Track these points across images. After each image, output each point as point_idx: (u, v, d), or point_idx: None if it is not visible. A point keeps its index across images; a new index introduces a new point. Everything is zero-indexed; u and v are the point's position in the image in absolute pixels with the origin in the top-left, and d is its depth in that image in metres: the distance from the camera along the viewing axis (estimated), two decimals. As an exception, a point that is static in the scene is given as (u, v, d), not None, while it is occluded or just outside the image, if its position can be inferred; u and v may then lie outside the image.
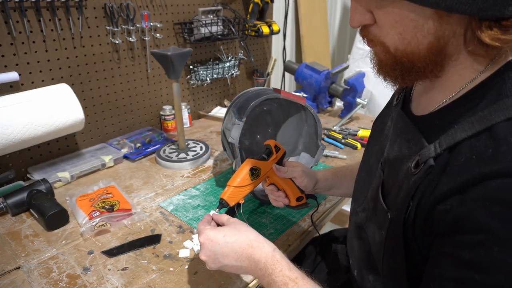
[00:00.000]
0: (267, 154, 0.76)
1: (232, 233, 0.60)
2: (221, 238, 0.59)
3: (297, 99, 0.94)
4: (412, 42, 0.44)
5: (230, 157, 1.01)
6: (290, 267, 0.57)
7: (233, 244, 0.59)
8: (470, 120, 0.42)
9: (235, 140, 0.90)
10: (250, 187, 0.73)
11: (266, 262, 0.57)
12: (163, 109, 1.43)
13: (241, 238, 0.59)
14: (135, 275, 0.73)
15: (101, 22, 1.17)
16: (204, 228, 0.62)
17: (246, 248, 0.58)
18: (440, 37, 0.43)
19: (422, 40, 0.43)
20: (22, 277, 0.73)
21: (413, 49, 0.45)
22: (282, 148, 0.77)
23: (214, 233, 0.60)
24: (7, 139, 0.92)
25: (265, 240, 0.60)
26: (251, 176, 0.72)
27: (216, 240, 0.59)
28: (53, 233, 0.86)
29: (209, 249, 0.60)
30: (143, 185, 1.07)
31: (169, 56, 1.03)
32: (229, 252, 0.59)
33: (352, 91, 1.52)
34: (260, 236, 0.61)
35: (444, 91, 0.48)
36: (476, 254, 0.38)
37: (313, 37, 2.28)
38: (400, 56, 0.46)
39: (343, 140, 1.32)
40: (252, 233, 0.61)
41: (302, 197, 0.76)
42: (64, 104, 1.03)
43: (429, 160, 0.44)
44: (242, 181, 0.72)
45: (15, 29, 0.99)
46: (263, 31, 1.60)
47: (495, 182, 0.37)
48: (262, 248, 0.58)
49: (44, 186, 0.96)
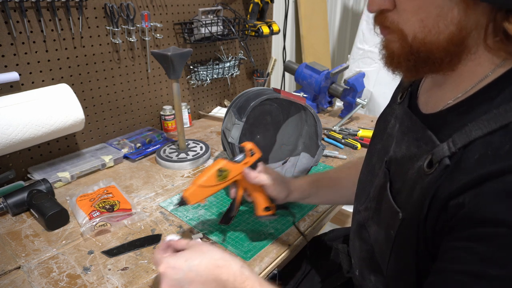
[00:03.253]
0: (240, 158, 0.72)
1: (194, 256, 0.56)
2: (184, 263, 0.55)
3: (297, 99, 0.94)
4: (432, 31, 0.42)
5: (230, 157, 1.01)
6: (261, 282, 0.54)
7: (198, 267, 0.54)
8: (485, 118, 0.41)
9: (235, 140, 0.90)
10: (216, 188, 0.70)
11: (234, 281, 0.53)
12: (163, 109, 1.43)
13: (205, 259, 0.55)
14: (135, 275, 0.73)
15: (101, 22, 1.18)
16: (162, 256, 0.57)
17: (212, 269, 0.54)
18: (462, 28, 0.41)
19: (443, 29, 0.42)
20: (22, 277, 0.73)
21: (432, 39, 0.43)
22: (258, 153, 0.73)
23: (175, 259, 0.56)
24: (7, 139, 0.92)
25: (231, 258, 0.57)
26: (218, 177, 0.69)
27: (179, 267, 0.55)
28: (53, 233, 0.86)
29: (172, 278, 0.54)
30: (143, 185, 1.07)
31: (169, 56, 1.03)
32: (194, 277, 0.54)
33: (352, 91, 1.52)
34: (225, 254, 0.57)
35: (457, 87, 0.47)
36: (491, 247, 0.37)
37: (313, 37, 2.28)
38: (418, 46, 0.44)
39: (343, 140, 1.32)
40: (216, 252, 0.57)
41: (269, 207, 0.73)
42: (64, 104, 1.03)
43: (444, 159, 0.43)
44: (207, 181, 0.69)
45: (15, 29, 0.99)
46: (263, 31, 1.61)
47: None
48: (229, 267, 0.55)
49: (44, 186, 0.96)
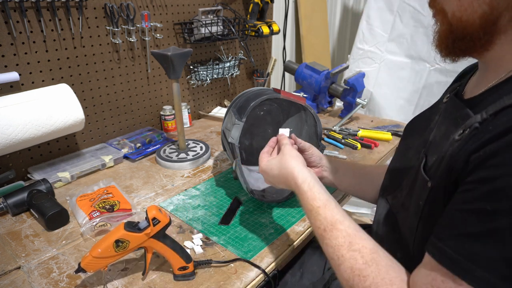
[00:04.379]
0: (143, 225, 0.68)
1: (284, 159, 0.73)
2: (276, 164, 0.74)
3: (297, 99, 0.94)
4: (468, 10, 0.48)
5: (230, 157, 1.01)
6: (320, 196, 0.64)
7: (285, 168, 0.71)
8: None
9: (235, 140, 0.90)
10: (116, 257, 0.67)
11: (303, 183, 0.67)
12: (163, 109, 1.43)
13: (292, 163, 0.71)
14: (135, 275, 0.73)
15: (101, 22, 1.18)
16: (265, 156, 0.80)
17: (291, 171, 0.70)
18: (494, 8, 0.46)
19: (477, 8, 0.47)
20: (22, 277, 0.73)
21: (468, 17, 0.48)
22: (164, 220, 0.68)
23: (272, 160, 0.76)
24: (7, 139, 0.92)
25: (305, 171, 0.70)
26: (116, 248, 0.66)
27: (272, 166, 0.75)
28: (53, 233, 0.86)
29: (264, 170, 0.76)
30: (143, 185, 1.07)
31: (169, 56, 1.03)
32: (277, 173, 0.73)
33: (352, 91, 1.52)
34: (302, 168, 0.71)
35: (497, 71, 0.50)
36: (492, 186, 0.40)
37: (313, 37, 2.28)
38: (456, 23, 0.50)
39: (343, 140, 1.32)
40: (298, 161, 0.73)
41: (186, 267, 0.71)
42: (64, 104, 1.03)
43: (474, 124, 0.46)
44: (103, 252, 0.65)
45: (15, 29, 0.99)
46: (263, 31, 1.61)
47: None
48: (303, 173, 0.69)
49: (44, 186, 0.96)
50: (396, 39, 1.91)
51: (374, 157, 1.24)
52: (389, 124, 1.52)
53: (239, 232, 0.86)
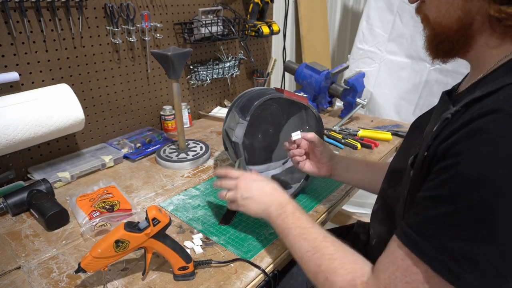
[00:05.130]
0: (143, 225, 0.68)
1: (262, 181, 0.81)
2: (254, 183, 0.79)
3: (300, 99, 0.94)
4: (446, 15, 0.53)
5: (232, 157, 1.01)
6: (300, 217, 0.70)
7: (263, 187, 0.78)
8: (489, 85, 0.48)
9: (239, 139, 0.90)
10: (115, 258, 0.67)
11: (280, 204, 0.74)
12: (163, 109, 1.43)
13: (269, 184, 0.79)
14: (135, 275, 0.73)
15: (101, 22, 1.18)
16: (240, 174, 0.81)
17: (272, 191, 0.78)
18: (467, 12, 0.51)
19: (453, 13, 0.53)
20: (22, 277, 0.73)
21: (446, 22, 0.54)
22: (164, 220, 0.68)
23: (250, 178, 0.80)
24: (7, 139, 0.92)
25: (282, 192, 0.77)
26: (116, 248, 0.66)
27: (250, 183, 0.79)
28: (53, 233, 0.86)
29: (243, 188, 0.78)
30: (143, 185, 1.07)
31: (169, 56, 1.03)
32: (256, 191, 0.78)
33: (352, 91, 1.52)
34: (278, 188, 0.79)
35: (480, 69, 0.55)
36: (449, 174, 0.44)
37: (313, 37, 2.28)
38: (437, 27, 0.56)
39: (343, 140, 1.32)
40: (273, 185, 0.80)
41: (186, 267, 0.71)
42: (64, 104, 1.03)
43: (447, 115, 0.49)
44: (103, 252, 0.65)
45: (15, 29, 0.99)
46: (263, 31, 1.61)
47: (488, 118, 0.43)
48: (282, 194, 0.77)
49: (44, 186, 0.96)
50: (396, 39, 1.91)
51: (374, 157, 1.24)
52: (389, 124, 1.52)
53: (239, 232, 0.86)
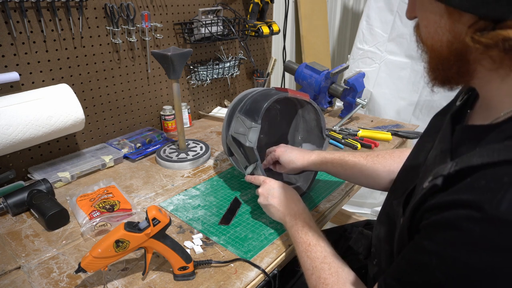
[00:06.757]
0: (143, 225, 0.68)
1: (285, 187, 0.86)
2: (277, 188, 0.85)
3: (303, 96, 0.96)
4: (435, 37, 0.45)
5: (243, 162, 0.96)
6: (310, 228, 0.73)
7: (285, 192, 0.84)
8: (491, 147, 0.40)
9: (253, 143, 0.87)
10: (116, 258, 0.68)
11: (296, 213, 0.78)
12: (163, 109, 1.43)
13: (290, 190, 0.85)
14: (135, 275, 0.73)
15: (101, 22, 1.18)
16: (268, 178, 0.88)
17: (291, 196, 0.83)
18: (456, 35, 0.43)
19: (442, 36, 0.44)
20: (22, 277, 0.73)
21: (437, 46, 0.46)
22: (165, 220, 0.69)
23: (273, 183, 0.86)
24: (7, 139, 0.92)
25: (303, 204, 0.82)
26: (116, 248, 0.66)
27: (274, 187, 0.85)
28: (54, 233, 0.86)
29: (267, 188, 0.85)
30: (143, 185, 1.07)
31: (169, 56, 1.03)
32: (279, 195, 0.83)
33: (352, 91, 1.52)
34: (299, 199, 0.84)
35: (488, 109, 0.47)
36: (423, 259, 0.43)
37: (313, 37, 2.28)
38: (430, 51, 0.48)
39: (343, 140, 1.32)
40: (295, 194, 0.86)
41: (186, 267, 0.71)
42: (65, 104, 1.03)
43: (438, 178, 0.43)
44: (103, 252, 0.66)
45: (16, 29, 0.99)
46: (263, 31, 1.61)
47: (459, 212, 0.39)
48: (300, 203, 0.82)
49: (44, 186, 0.96)
50: (396, 39, 1.91)
51: (374, 157, 1.24)
52: (389, 124, 1.52)
53: (239, 232, 0.86)
